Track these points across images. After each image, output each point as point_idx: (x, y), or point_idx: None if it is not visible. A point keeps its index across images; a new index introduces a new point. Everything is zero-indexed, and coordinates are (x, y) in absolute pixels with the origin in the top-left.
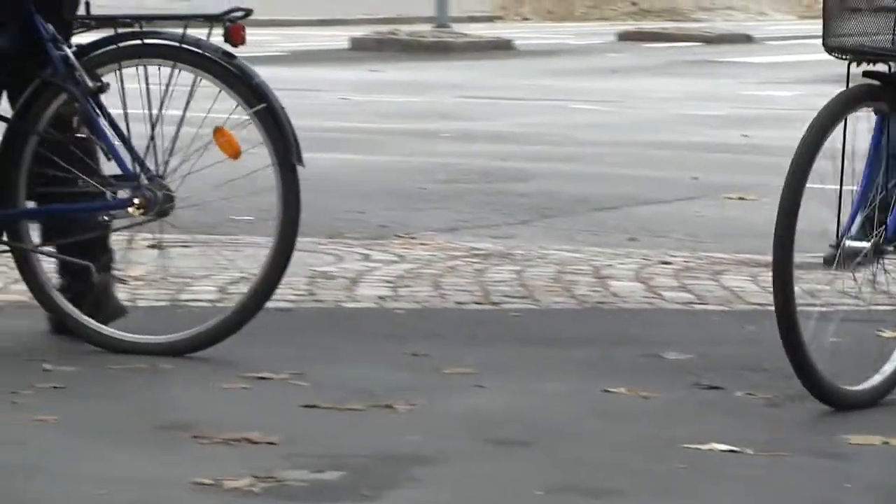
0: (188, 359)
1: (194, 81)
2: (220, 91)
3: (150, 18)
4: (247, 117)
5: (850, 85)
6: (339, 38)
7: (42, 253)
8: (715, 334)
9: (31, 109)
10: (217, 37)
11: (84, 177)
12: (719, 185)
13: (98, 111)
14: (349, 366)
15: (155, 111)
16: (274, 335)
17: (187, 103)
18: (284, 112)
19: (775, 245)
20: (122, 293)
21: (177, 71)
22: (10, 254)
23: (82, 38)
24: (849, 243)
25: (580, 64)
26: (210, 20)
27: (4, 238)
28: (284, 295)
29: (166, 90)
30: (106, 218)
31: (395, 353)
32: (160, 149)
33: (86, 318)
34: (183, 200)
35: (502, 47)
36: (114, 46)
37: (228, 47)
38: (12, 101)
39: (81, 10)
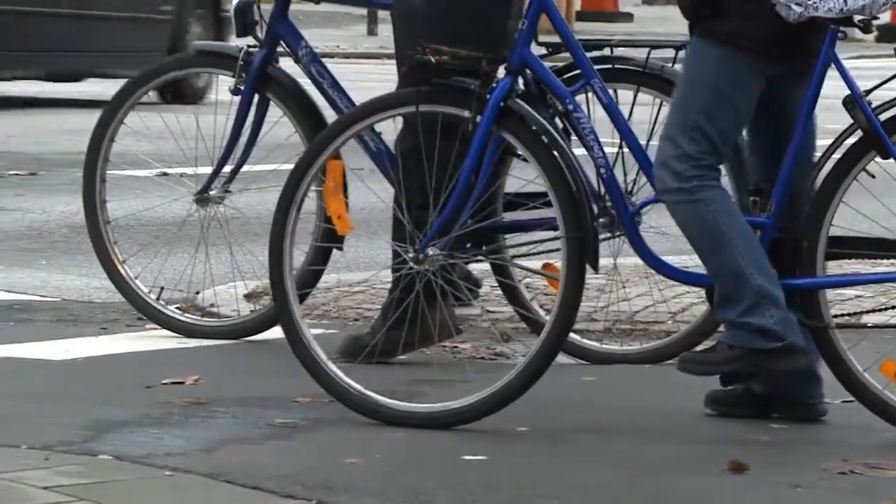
0: None
1: (658, 106)
2: None
3: (618, 45)
4: None
5: None
6: None
7: (516, 266)
8: None
9: None
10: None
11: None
12: None
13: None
14: None
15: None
16: None
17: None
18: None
19: None
20: None
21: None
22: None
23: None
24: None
25: None
26: (682, 49)
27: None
28: None
29: (630, 112)
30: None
31: None
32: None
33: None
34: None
35: None
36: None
37: None
38: None
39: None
